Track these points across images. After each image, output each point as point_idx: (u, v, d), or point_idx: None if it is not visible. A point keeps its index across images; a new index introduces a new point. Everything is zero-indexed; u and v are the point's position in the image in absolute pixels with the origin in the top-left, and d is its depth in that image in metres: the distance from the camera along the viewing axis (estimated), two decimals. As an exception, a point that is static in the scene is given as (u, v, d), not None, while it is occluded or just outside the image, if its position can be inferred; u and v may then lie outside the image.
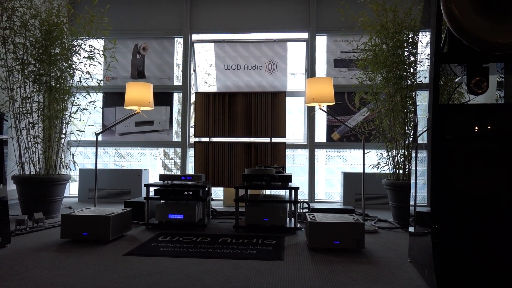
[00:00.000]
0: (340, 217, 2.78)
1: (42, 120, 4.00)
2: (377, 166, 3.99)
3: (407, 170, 3.72)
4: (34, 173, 3.95)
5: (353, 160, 5.40)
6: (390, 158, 3.85)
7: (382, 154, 3.98)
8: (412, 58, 3.70)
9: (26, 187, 3.73)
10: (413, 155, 2.39)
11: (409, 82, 3.72)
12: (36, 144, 3.96)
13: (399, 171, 3.79)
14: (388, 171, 3.90)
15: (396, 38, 3.71)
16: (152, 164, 5.71)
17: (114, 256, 2.40)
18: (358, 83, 4.08)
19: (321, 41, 5.41)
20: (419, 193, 2.22)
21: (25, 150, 3.92)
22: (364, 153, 3.49)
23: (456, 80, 2.38)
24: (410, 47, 3.73)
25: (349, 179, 4.87)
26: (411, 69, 3.71)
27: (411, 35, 3.71)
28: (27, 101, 3.95)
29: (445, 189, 1.86)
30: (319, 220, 2.63)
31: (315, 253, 2.55)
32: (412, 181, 2.37)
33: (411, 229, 2.34)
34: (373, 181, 4.75)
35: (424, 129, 2.11)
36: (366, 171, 3.71)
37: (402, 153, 3.76)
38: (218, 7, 5.47)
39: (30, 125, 3.95)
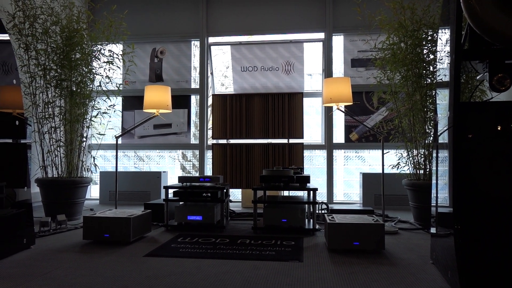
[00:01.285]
0: (360, 218, 2.75)
1: (64, 124, 4.09)
2: (396, 166, 3.93)
3: (427, 170, 3.66)
4: (56, 176, 4.04)
5: (371, 160, 5.34)
6: (410, 158, 3.79)
7: (401, 154, 3.93)
8: (432, 56, 3.64)
9: (49, 189, 3.81)
10: (434, 155, 2.35)
11: (429, 80, 3.66)
12: (58, 148, 4.05)
13: (419, 171, 3.72)
14: (408, 171, 3.85)
15: (415, 36, 3.65)
16: (170, 166, 5.77)
17: (135, 257, 2.44)
18: (376, 82, 4.03)
19: (338, 41, 5.38)
20: (441, 194, 2.18)
21: (47, 154, 4.01)
22: (383, 153, 3.44)
23: (478, 77, 2.33)
24: (430, 44, 3.67)
25: (368, 179, 4.82)
26: (431, 67, 3.65)
27: (430, 33, 3.65)
28: (49, 105, 4.04)
29: (468, 189, 1.82)
30: (339, 221, 2.61)
31: (335, 254, 2.53)
32: (433, 181, 2.33)
33: (433, 230, 2.30)
34: (392, 181, 4.68)
35: (445, 128, 2.08)
36: (385, 171, 3.67)
37: (422, 153, 3.69)
38: (234, 10, 5.49)
39: (53, 129, 4.04)
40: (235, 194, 5.48)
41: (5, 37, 2.72)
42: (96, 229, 2.81)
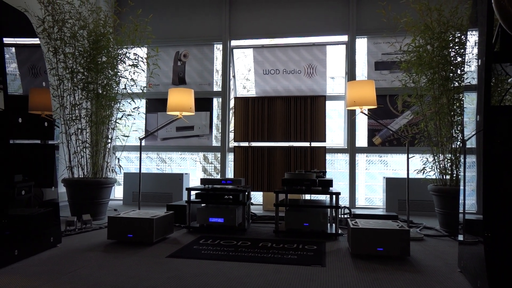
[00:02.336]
0: (384, 223, 2.70)
1: (90, 125, 4.18)
2: (422, 171, 3.85)
3: (454, 175, 3.56)
4: (82, 176, 4.12)
5: (395, 165, 5.24)
6: (436, 163, 3.71)
7: (427, 158, 3.84)
8: (459, 59, 3.56)
9: (75, 189, 3.90)
10: (462, 160, 2.29)
11: (456, 83, 3.57)
12: (84, 149, 4.14)
13: (446, 177, 3.63)
14: (434, 177, 3.76)
15: (442, 38, 3.57)
16: (192, 168, 5.81)
17: (158, 258, 2.46)
18: (402, 85, 3.96)
19: (362, 43, 5.32)
20: (468, 200, 2.12)
21: (74, 155, 4.10)
22: (408, 157, 3.38)
23: (509, 80, 2.26)
24: (457, 47, 3.58)
25: (392, 184, 4.73)
26: (458, 70, 3.56)
27: (457, 35, 3.57)
28: (76, 108, 4.14)
29: (498, 196, 1.76)
30: (362, 226, 2.57)
31: (358, 259, 2.49)
32: (461, 187, 2.26)
33: (461, 237, 2.23)
34: (417, 186, 4.59)
35: (473, 132, 2.02)
36: (410, 176, 3.59)
37: (449, 158, 3.60)
38: (256, 13, 5.51)
39: (79, 130, 4.13)
40: (256, 197, 5.47)
41: (36, 41, 2.80)
42: (120, 229, 2.85)
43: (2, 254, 2.22)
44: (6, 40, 2.41)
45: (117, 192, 5.81)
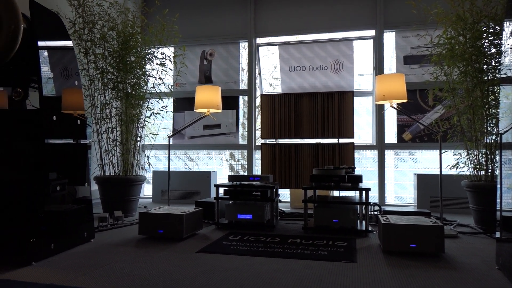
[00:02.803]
0: (416, 219, 2.64)
1: (120, 124, 4.27)
2: (455, 167, 3.72)
3: (489, 171, 3.44)
4: (113, 174, 4.22)
5: (425, 161, 5.11)
6: (470, 158, 3.59)
7: (460, 154, 3.72)
8: (494, 50, 3.43)
9: (106, 187, 3.99)
10: (498, 155, 2.20)
11: (491, 75, 3.44)
12: (115, 147, 4.23)
13: (480, 172, 3.51)
14: (468, 172, 3.64)
15: (475, 29, 3.45)
16: (219, 167, 5.85)
17: (188, 253, 2.48)
18: (433, 78, 3.85)
19: (389, 37, 5.20)
20: (505, 197, 2.04)
21: (105, 153, 4.20)
22: (440, 153, 3.28)
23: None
24: (491, 37, 3.45)
25: (423, 181, 4.61)
26: (493, 62, 3.43)
27: (491, 25, 3.44)
28: (107, 107, 4.23)
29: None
30: (394, 222, 2.51)
31: (390, 256, 2.44)
32: (498, 184, 2.18)
33: (498, 234, 2.15)
34: (450, 183, 4.45)
35: (510, 127, 1.94)
36: (442, 172, 3.49)
37: (483, 153, 3.48)
38: (281, 10, 5.48)
39: (110, 129, 4.22)
40: (284, 194, 5.45)
41: (69, 43, 2.88)
42: (151, 225, 2.90)
43: (40, 248, 2.30)
44: (41, 43, 2.48)
45: (147, 190, 5.92)
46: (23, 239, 2.37)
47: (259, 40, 5.64)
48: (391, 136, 5.15)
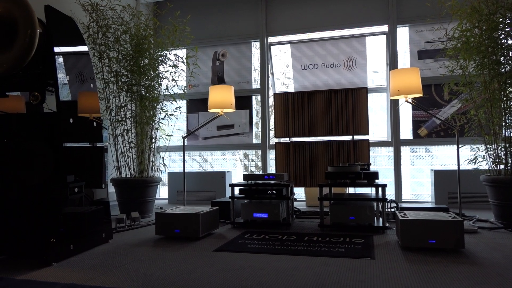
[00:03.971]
0: (435, 215, 2.60)
1: (135, 126, 4.31)
2: (473, 162, 3.66)
3: (509, 164, 3.36)
4: (129, 176, 4.26)
5: (442, 157, 5.03)
6: (489, 152, 3.52)
7: (478, 148, 3.66)
8: (511, 41, 3.36)
9: (123, 188, 4.04)
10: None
11: (508, 67, 3.37)
12: (130, 149, 4.27)
13: (500, 166, 3.44)
14: (486, 167, 3.57)
15: (491, 20, 3.38)
16: (233, 168, 5.86)
17: (205, 252, 2.49)
18: (448, 72, 3.79)
19: (403, 32, 5.14)
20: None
21: (121, 155, 4.25)
22: (458, 148, 3.22)
23: None
24: (508, 28, 3.38)
25: (440, 176, 4.54)
26: (510, 53, 3.36)
27: (508, 15, 3.36)
28: (122, 109, 4.28)
29: None
30: (412, 218, 2.48)
31: (409, 252, 2.41)
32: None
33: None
34: (468, 178, 4.38)
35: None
36: (459, 167, 3.43)
37: (502, 146, 3.41)
38: (292, 8, 5.47)
39: (125, 131, 4.27)
40: (299, 193, 5.43)
41: (84, 48, 2.92)
42: (167, 225, 2.92)
43: (59, 249, 2.33)
44: (57, 48, 2.52)
45: (162, 192, 5.96)
46: (44, 241, 2.41)
47: (271, 39, 5.63)
48: (406, 132, 5.09)
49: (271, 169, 5.54)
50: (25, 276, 2.02)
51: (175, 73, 4.53)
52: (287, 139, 4.41)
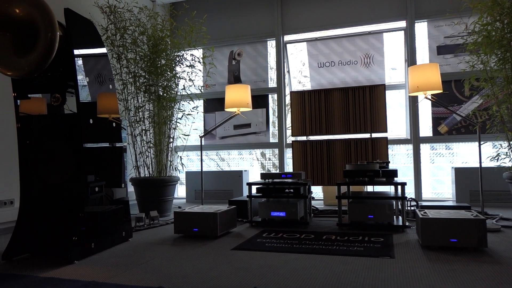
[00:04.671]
0: (456, 213, 2.55)
1: (153, 126, 4.36)
2: (496, 159, 3.57)
3: (533, 161, 3.28)
4: (148, 175, 4.31)
5: (463, 154, 4.92)
6: (512, 149, 3.43)
7: (501, 145, 3.57)
8: (534, 34, 3.26)
9: (142, 188, 4.09)
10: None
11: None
12: (148, 149, 4.32)
13: (523, 163, 3.35)
14: (510, 164, 3.48)
15: (513, 13, 3.30)
16: (250, 167, 5.87)
17: (223, 250, 2.50)
18: (469, 67, 3.71)
19: (421, 28, 5.05)
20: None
21: (139, 155, 4.30)
22: (480, 145, 3.15)
23: None
24: (531, 21, 3.29)
25: (461, 174, 4.45)
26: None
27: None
28: (140, 110, 4.34)
29: None
30: (433, 216, 2.44)
31: (429, 251, 2.37)
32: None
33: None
34: (490, 176, 4.28)
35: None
36: (481, 164, 3.35)
37: (526, 143, 3.32)
38: (308, 6, 5.43)
39: (143, 131, 4.33)
40: (317, 192, 5.40)
41: (103, 50, 2.96)
42: (186, 223, 2.94)
43: (81, 247, 2.38)
44: (77, 51, 2.57)
45: (180, 191, 6.02)
46: (66, 239, 2.46)
47: (287, 38, 5.61)
48: (426, 129, 5.00)
49: (288, 167, 5.53)
50: (48, 274, 2.07)
51: (191, 73, 4.56)
52: (304, 138, 4.40)
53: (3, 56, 2.26)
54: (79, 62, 2.58)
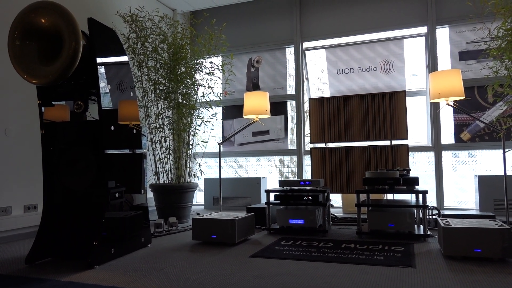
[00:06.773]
0: (480, 222, 2.48)
1: (172, 133, 4.41)
2: (521, 166, 3.47)
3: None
4: (167, 182, 4.36)
5: (487, 162, 4.80)
6: (538, 157, 3.32)
7: (527, 152, 3.46)
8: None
9: (161, 194, 4.13)
10: None
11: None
12: (168, 156, 4.37)
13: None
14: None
15: (539, 18, 3.21)
16: (268, 174, 5.86)
17: (241, 257, 2.50)
18: (492, 73, 3.63)
19: (443, 33, 4.98)
20: None
21: (159, 161, 4.35)
22: (504, 152, 3.07)
23: None
24: (558, 26, 3.20)
25: (485, 182, 4.33)
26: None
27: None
28: (160, 117, 4.40)
29: None
30: (455, 225, 2.38)
31: (452, 261, 2.31)
32: None
33: None
34: (516, 184, 4.15)
35: None
36: (505, 172, 3.26)
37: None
38: (327, 13, 5.43)
39: (163, 138, 4.38)
40: (336, 200, 5.35)
41: (125, 58, 3.02)
42: (204, 230, 2.96)
43: (101, 252, 2.42)
44: (100, 59, 2.63)
45: (199, 197, 6.05)
46: (86, 244, 2.51)
47: (306, 45, 5.61)
48: (448, 136, 4.90)
49: (307, 175, 5.50)
50: (69, 278, 2.11)
51: (211, 80, 4.61)
52: (322, 145, 4.37)
53: (28, 65, 2.34)
54: (102, 70, 2.64)
